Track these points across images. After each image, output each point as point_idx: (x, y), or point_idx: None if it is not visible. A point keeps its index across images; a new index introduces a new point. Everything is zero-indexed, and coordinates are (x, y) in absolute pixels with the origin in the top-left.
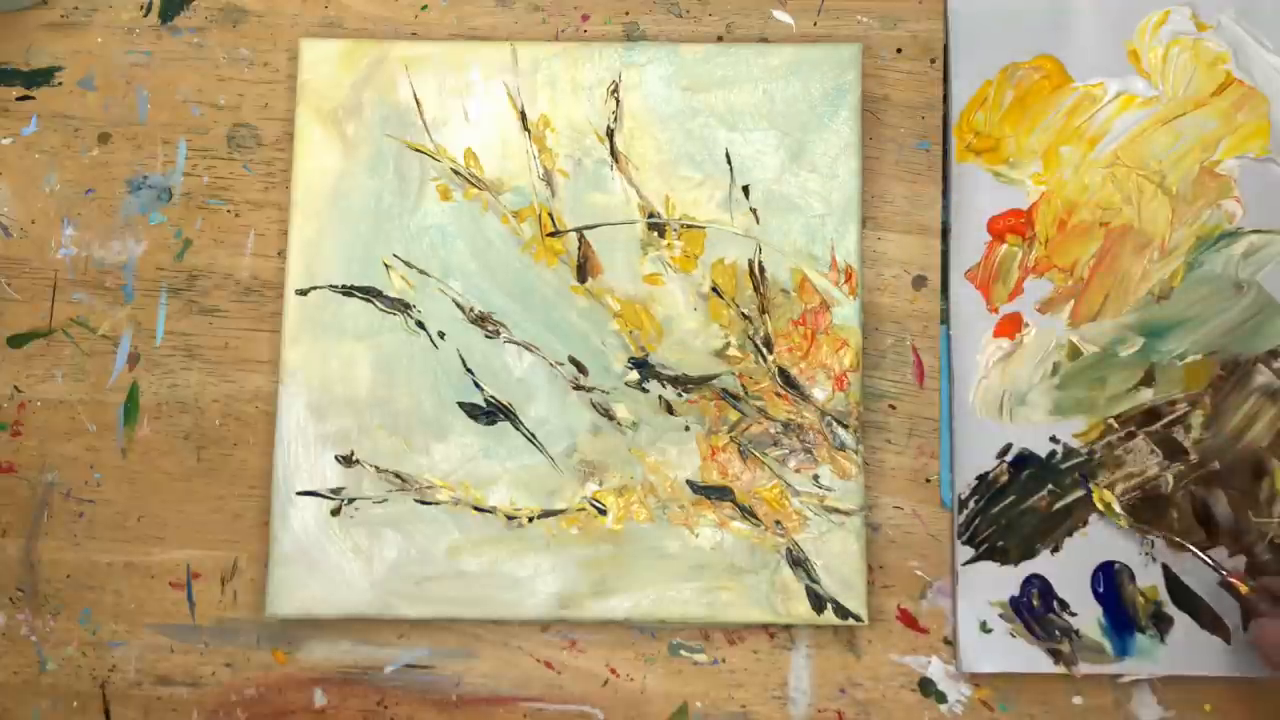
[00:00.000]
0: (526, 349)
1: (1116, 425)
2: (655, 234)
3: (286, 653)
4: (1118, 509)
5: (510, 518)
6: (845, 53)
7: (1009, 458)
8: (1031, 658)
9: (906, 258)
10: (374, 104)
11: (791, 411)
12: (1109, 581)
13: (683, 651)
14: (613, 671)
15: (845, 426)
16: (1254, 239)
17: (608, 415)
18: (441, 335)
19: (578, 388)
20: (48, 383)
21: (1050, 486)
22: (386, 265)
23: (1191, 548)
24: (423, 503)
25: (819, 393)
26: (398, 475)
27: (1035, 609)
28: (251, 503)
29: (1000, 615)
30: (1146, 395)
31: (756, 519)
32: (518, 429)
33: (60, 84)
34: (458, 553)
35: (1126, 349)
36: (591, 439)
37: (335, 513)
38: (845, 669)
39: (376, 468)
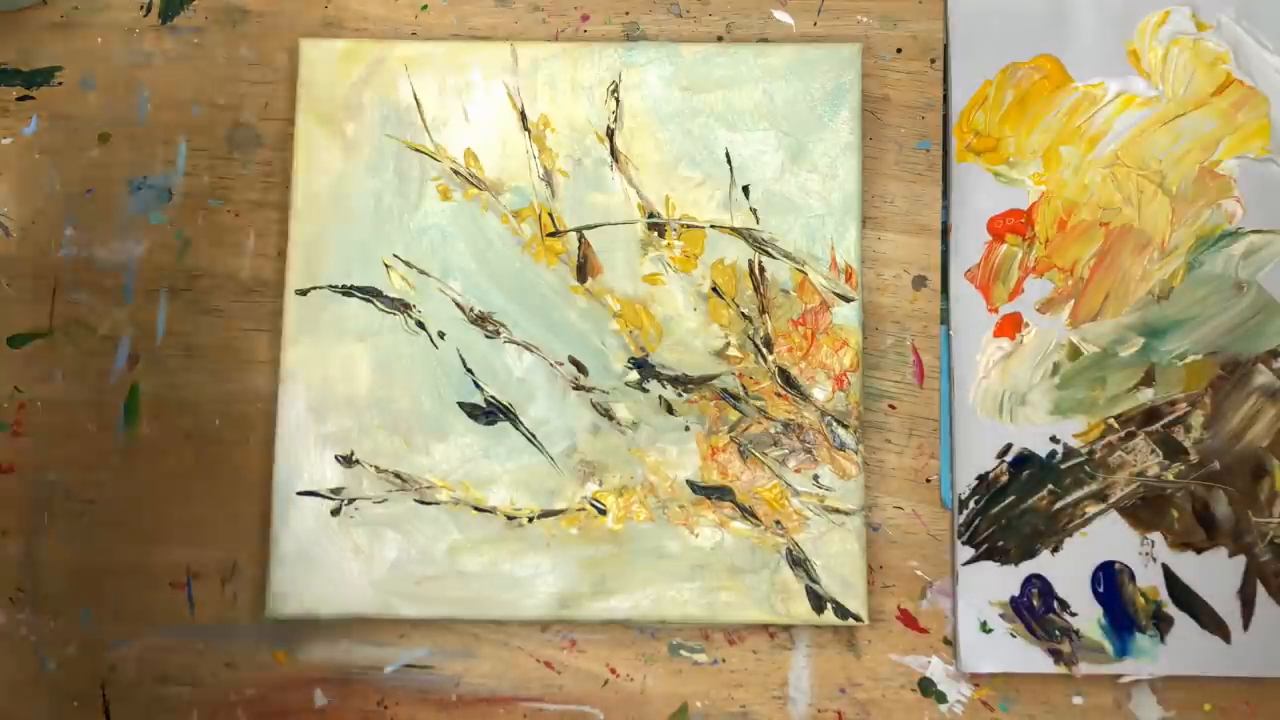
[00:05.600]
0: (526, 349)
1: (1117, 425)
2: (655, 234)
3: (286, 653)
4: None
5: (510, 518)
6: (845, 53)
7: (1009, 458)
8: (1032, 658)
9: (906, 258)
10: (374, 104)
11: (791, 411)
12: (1109, 581)
13: (683, 651)
14: (612, 671)
15: (845, 426)
16: (1254, 239)
17: (608, 415)
18: (441, 335)
19: (578, 388)
20: (48, 383)
21: (1050, 486)
22: (386, 265)
23: None
24: (423, 503)
25: (819, 393)
26: (398, 475)
27: (1035, 609)
28: (251, 503)
29: (1000, 615)
30: (1147, 395)
31: (756, 519)
32: (518, 429)
33: (60, 84)
34: (458, 553)
35: (1126, 349)
36: (591, 439)
37: (335, 513)
38: (845, 669)
39: (376, 468)
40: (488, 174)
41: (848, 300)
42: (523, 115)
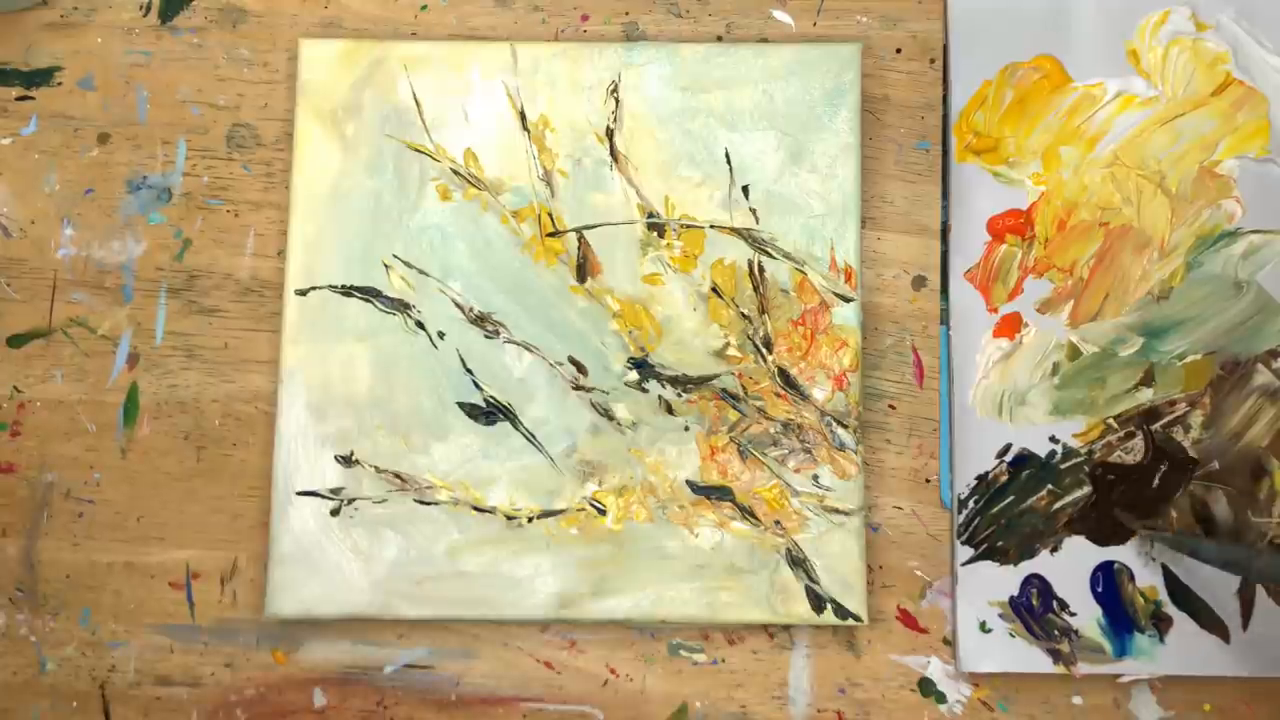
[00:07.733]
0: (526, 349)
1: (1116, 425)
2: (655, 234)
3: (286, 653)
4: None
5: (510, 518)
6: (845, 53)
7: (1008, 458)
8: (1031, 658)
9: (906, 258)
10: (373, 104)
11: (791, 411)
12: (1108, 581)
13: (682, 651)
14: (612, 672)
15: (845, 426)
16: (1253, 239)
17: (607, 415)
18: (441, 335)
19: (577, 388)
20: (47, 383)
21: (1050, 486)
22: (386, 265)
23: None
24: (422, 503)
25: (819, 393)
26: (397, 475)
27: (1035, 609)
28: (251, 503)
29: (1000, 615)
30: (1146, 395)
31: (756, 519)
32: (517, 429)
33: (60, 84)
34: (457, 553)
35: (1126, 349)
36: (591, 439)
37: (335, 513)
38: (845, 669)
39: (376, 468)
40: (487, 174)
41: (847, 300)
42: (522, 115)
